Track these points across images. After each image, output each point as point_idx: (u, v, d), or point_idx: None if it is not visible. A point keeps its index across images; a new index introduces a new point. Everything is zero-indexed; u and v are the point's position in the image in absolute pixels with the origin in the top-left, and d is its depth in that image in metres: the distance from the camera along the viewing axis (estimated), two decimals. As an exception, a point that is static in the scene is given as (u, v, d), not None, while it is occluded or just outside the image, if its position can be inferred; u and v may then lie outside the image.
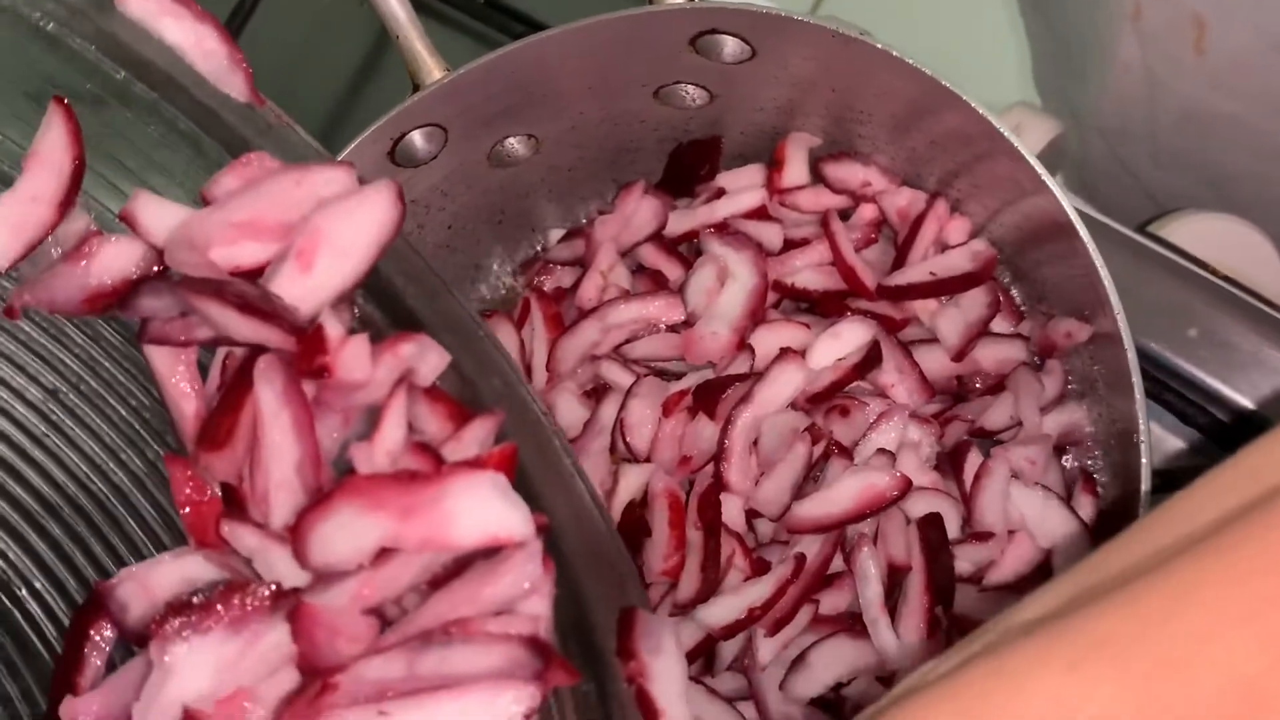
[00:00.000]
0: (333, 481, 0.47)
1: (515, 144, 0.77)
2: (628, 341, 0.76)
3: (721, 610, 0.67)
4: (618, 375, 0.75)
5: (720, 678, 0.69)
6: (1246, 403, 0.78)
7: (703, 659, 0.70)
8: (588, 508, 0.51)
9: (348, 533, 0.44)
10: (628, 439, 0.72)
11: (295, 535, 0.44)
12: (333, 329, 0.47)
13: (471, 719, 0.42)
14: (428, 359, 0.49)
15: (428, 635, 0.44)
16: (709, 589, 0.68)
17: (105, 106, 0.51)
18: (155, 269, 0.49)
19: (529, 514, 0.44)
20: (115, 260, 0.48)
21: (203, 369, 0.50)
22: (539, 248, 0.84)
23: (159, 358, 0.49)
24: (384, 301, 0.52)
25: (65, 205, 0.48)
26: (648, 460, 0.72)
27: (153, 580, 0.46)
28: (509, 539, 0.44)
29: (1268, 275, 0.84)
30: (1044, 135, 0.89)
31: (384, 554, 0.44)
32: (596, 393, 0.76)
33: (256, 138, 0.51)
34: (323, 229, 0.48)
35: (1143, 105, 0.95)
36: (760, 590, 0.67)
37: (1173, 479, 0.77)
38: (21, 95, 0.51)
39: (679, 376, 0.74)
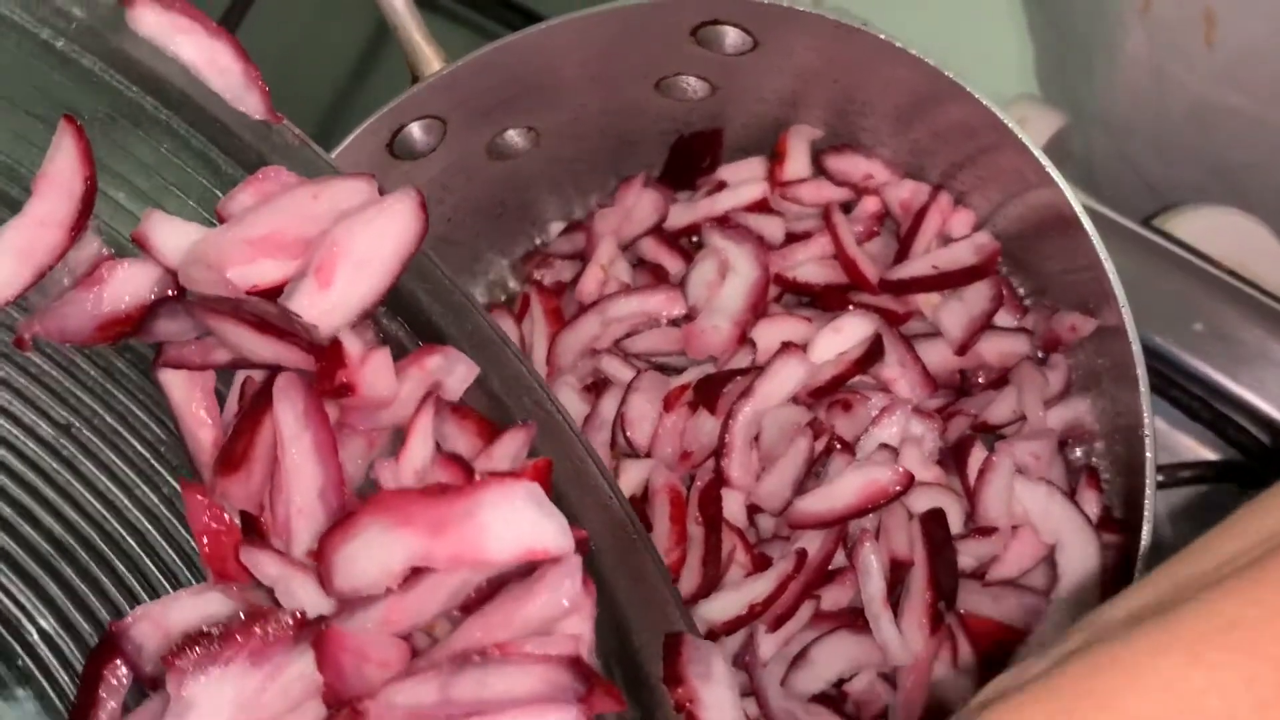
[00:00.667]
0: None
1: (515, 136, 0.76)
2: (628, 335, 0.76)
3: (723, 606, 0.67)
4: (618, 370, 0.74)
5: (721, 674, 0.69)
6: (1252, 397, 0.78)
7: (703, 655, 0.69)
8: (626, 528, 0.49)
9: (374, 552, 0.42)
10: (628, 434, 0.72)
11: (319, 558, 0.43)
12: (352, 344, 0.45)
13: None
14: (456, 371, 0.48)
15: (463, 657, 0.42)
16: (710, 584, 0.67)
17: (117, 126, 0.50)
18: (171, 292, 0.47)
19: (567, 525, 0.42)
20: (129, 285, 0.47)
21: (220, 399, 0.48)
22: (539, 241, 0.83)
23: (176, 385, 0.48)
24: (409, 318, 0.50)
25: (76, 229, 0.47)
26: (648, 455, 0.72)
27: (168, 619, 0.45)
28: (546, 553, 0.42)
29: (1273, 269, 0.84)
30: (1048, 128, 0.89)
31: (413, 577, 0.42)
32: (597, 387, 0.75)
33: (273, 155, 0.50)
34: (341, 242, 0.46)
35: (1150, 99, 0.94)
36: (762, 586, 0.67)
37: (1176, 475, 0.77)
38: (30, 115, 0.49)
39: (680, 371, 0.74)
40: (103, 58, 0.50)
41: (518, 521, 0.42)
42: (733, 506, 0.69)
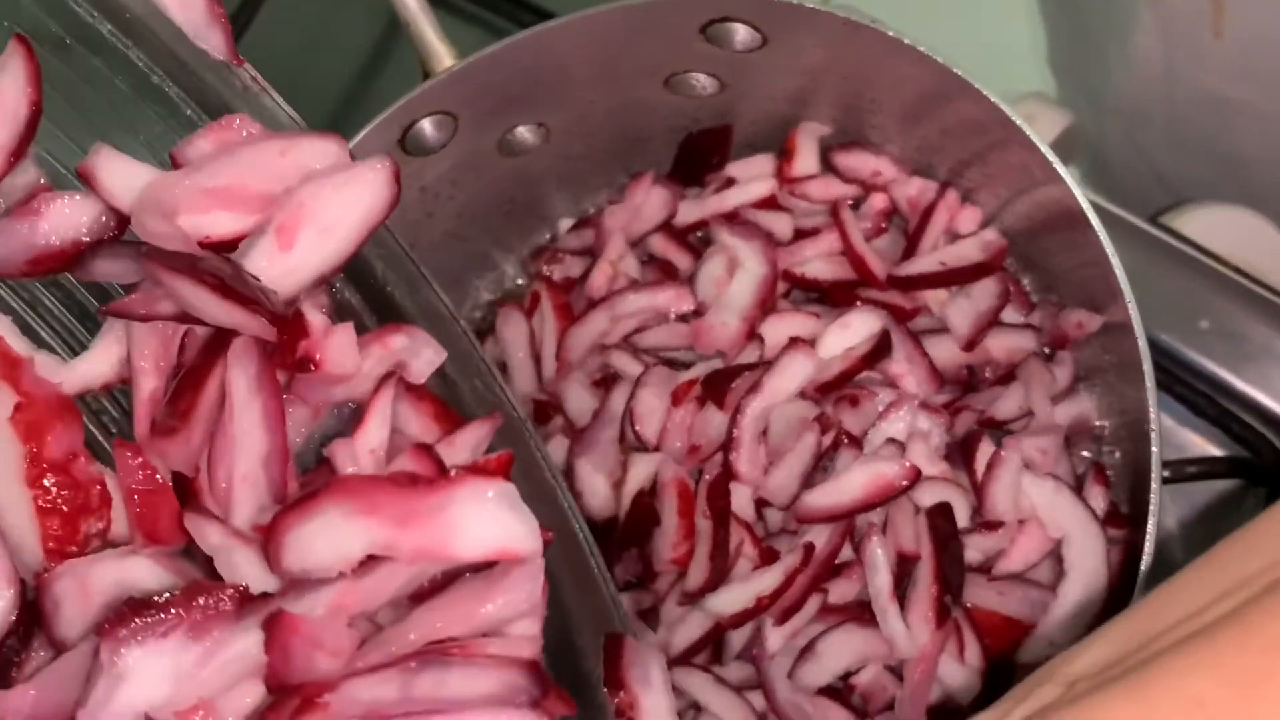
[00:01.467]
0: (296, 480, 0.44)
1: (525, 132, 0.76)
2: (637, 331, 0.76)
3: (730, 599, 0.67)
4: (627, 365, 0.75)
5: (729, 666, 0.69)
6: (1257, 393, 0.78)
7: (711, 648, 0.70)
8: (569, 521, 0.49)
9: (333, 536, 0.41)
10: (637, 428, 0.72)
11: (270, 534, 0.41)
12: (314, 317, 0.44)
13: None
14: (422, 354, 0.46)
15: (423, 655, 0.41)
16: (718, 578, 0.68)
17: (71, 53, 0.47)
18: (111, 232, 0.44)
19: (538, 528, 0.41)
20: (67, 219, 0.44)
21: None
22: (549, 237, 0.83)
23: (134, 328, 0.45)
24: (361, 286, 0.48)
25: (15, 155, 0.44)
26: (657, 449, 0.72)
27: (90, 579, 0.43)
28: (515, 554, 0.41)
29: (1279, 267, 0.84)
30: (1056, 126, 0.89)
31: (368, 563, 0.41)
32: (606, 382, 0.76)
33: (234, 100, 0.47)
34: (308, 204, 0.44)
35: (1160, 89, 0.94)
36: (769, 579, 0.67)
37: (1182, 470, 0.77)
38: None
39: (688, 366, 0.74)
40: None
41: (490, 521, 0.41)
42: (741, 500, 0.70)
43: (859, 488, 0.68)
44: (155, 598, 0.40)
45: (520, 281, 0.84)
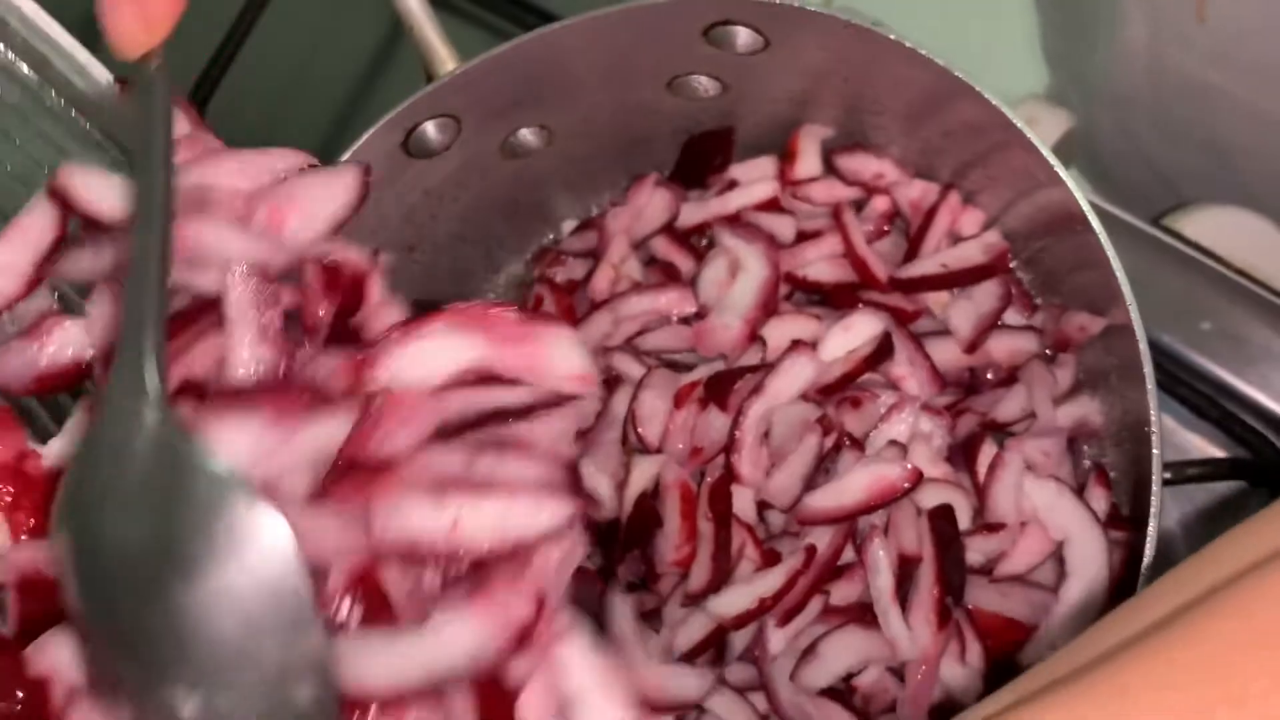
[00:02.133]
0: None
1: (528, 135, 0.77)
2: (640, 333, 0.76)
3: (732, 600, 0.68)
4: (629, 367, 0.75)
5: (731, 668, 0.70)
6: (1259, 395, 0.78)
7: (714, 649, 0.70)
8: None
9: (438, 348, 0.46)
10: (639, 430, 0.72)
11: (377, 348, 0.46)
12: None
13: (519, 519, 0.45)
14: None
15: (485, 441, 0.46)
16: (720, 579, 0.68)
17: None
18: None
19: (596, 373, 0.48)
20: (69, 340, 0.48)
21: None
22: (552, 238, 0.84)
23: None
24: None
25: (34, 283, 0.49)
26: (659, 451, 0.72)
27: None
28: (586, 383, 0.48)
29: (1281, 269, 0.84)
30: (1057, 128, 0.89)
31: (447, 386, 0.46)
32: (608, 384, 0.76)
33: None
34: (296, 195, 0.49)
35: (1146, 76, 0.94)
36: (771, 581, 0.67)
37: (1184, 472, 0.77)
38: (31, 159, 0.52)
39: (690, 368, 0.74)
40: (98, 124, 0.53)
41: (570, 354, 0.48)
42: (743, 502, 0.70)
43: (861, 490, 0.68)
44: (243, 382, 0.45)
45: (523, 280, 0.84)
